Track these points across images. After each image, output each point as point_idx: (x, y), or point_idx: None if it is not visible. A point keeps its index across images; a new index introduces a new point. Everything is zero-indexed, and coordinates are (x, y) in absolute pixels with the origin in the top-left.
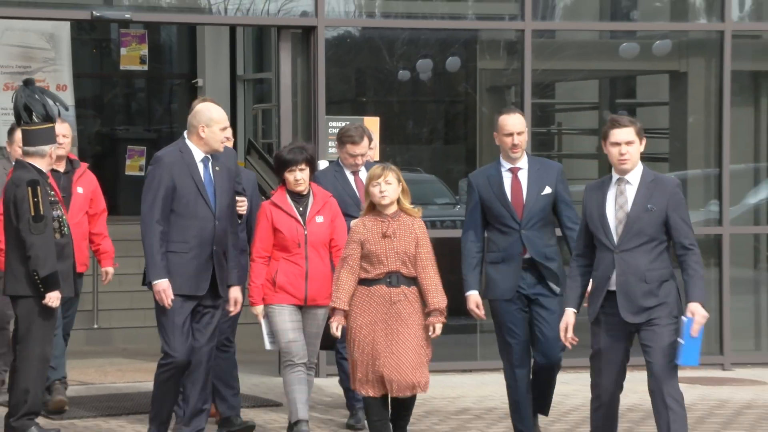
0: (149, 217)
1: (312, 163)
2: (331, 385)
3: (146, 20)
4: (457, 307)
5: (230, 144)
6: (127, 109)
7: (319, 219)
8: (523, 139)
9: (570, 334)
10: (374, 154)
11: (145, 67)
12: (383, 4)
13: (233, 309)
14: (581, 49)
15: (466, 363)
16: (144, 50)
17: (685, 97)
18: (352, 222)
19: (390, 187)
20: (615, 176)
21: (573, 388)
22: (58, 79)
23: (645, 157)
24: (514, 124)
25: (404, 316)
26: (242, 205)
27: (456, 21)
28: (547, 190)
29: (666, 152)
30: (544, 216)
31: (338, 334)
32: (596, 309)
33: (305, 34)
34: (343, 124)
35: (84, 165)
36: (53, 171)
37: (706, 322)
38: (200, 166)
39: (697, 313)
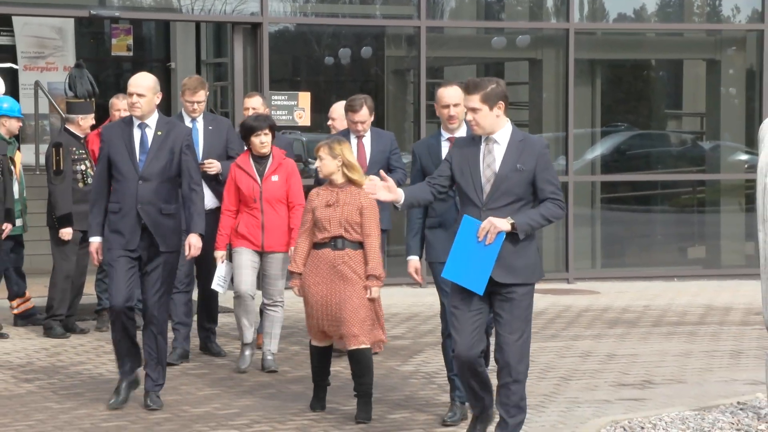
0: (92, 188)
1: (273, 130)
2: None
3: (131, 17)
4: None
5: (198, 112)
6: (117, 85)
7: (275, 178)
8: (459, 111)
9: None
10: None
11: (131, 54)
12: (314, 6)
13: (187, 252)
14: (463, 41)
15: None
16: (130, 40)
17: (540, 79)
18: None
19: (323, 162)
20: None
21: None
22: (65, 62)
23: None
24: (450, 96)
25: (346, 276)
26: (210, 167)
27: (368, 19)
28: None
29: (527, 120)
30: None
31: (300, 294)
32: None
33: (253, 29)
34: (283, 97)
35: None
36: None
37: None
38: (136, 132)
39: (493, 223)
